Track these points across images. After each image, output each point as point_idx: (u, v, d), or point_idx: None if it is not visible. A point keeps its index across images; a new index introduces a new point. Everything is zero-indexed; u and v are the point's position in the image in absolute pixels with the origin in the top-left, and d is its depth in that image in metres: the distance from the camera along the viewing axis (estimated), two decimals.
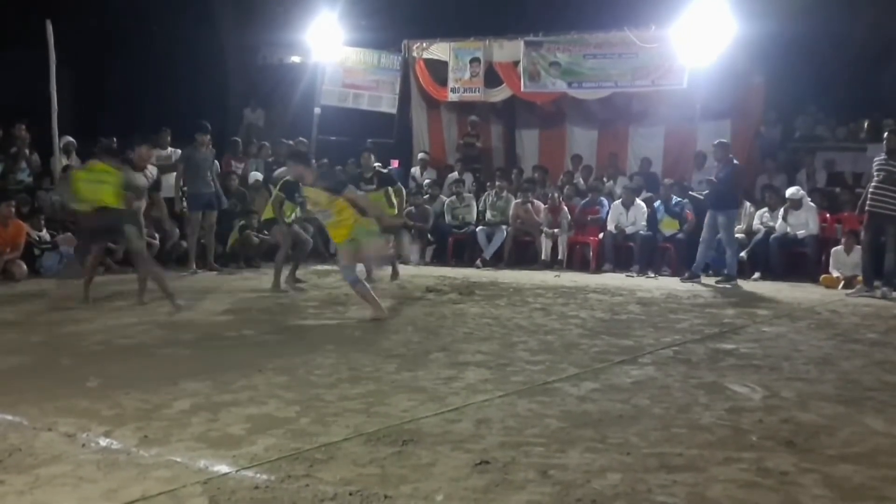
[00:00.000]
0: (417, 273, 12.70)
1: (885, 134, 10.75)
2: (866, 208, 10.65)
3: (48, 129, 12.77)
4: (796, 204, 12.58)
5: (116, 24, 17.85)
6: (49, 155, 13.33)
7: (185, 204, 12.70)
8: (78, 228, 9.41)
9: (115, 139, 14.83)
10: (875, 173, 10.60)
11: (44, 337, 7.05)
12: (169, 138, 14.17)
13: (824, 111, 16.21)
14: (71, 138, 13.64)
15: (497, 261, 14.21)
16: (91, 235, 8.95)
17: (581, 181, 15.51)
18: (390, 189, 11.36)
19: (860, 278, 10.90)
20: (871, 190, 10.55)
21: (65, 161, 13.21)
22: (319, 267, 12.80)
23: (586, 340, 7.07)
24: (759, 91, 14.87)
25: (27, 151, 13.76)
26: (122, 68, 18.30)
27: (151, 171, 10.19)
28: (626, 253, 13.64)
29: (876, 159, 10.75)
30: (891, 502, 3.44)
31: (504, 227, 14.47)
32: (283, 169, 15.08)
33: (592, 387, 5.35)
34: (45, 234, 12.06)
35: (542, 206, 14.43)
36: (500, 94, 16.73)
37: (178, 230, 13.19)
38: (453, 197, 15.23)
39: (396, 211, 11.34)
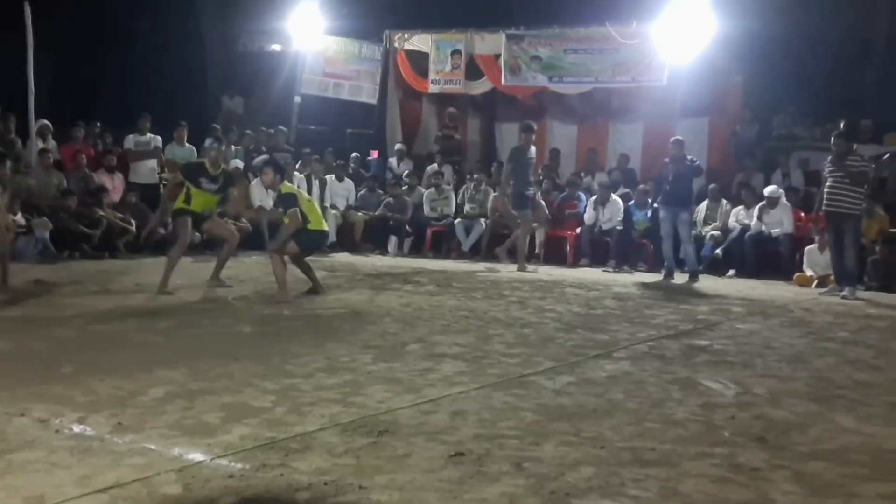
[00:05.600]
0: (395, 264, 12.70)
1: (832, 139, 10.86)
2: (823, 209, 10.78)
3: (24, 114, 12.66)
4: (773, 203, 12.67)
5: (97, 10, 17.65)
6: (25, 139, 13.21)
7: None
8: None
9: (97, 124, 14.82)
10: (827, 176, 10.71)
11: (18, 322, 7.00)
12: (149, 125, 14.09)
13: (802, 111, 16.30)
14: (46, 122, 13.52)
15: (475, 253, 14.22)
16: None
17: (555, 176, 15.52)
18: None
19: (833, 277, 11.00)
20: (826, 191, 10.66)
21: (41, 144, 13.10)
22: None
23: (562, 334, 7.10)
24: (737, 89, 14.96)
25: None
26: (102, 54, 18.11)
27: None
28: (602, 248, 13.68)
29: (826, 164, 10.85)
30: (860, 499, 3.49)
31: (482, 220, 14.48)
32: (261, 157, 15.04)
33: (568, 380, 5.37)
34: (20, 217, 11.94)
35: None
36: (481, 86, 16.71)
37: (154, 217, 13.11)
38: (432, 189, 15.21)
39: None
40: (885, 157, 13.90)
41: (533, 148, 12.86)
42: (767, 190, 12.93)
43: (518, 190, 12.56)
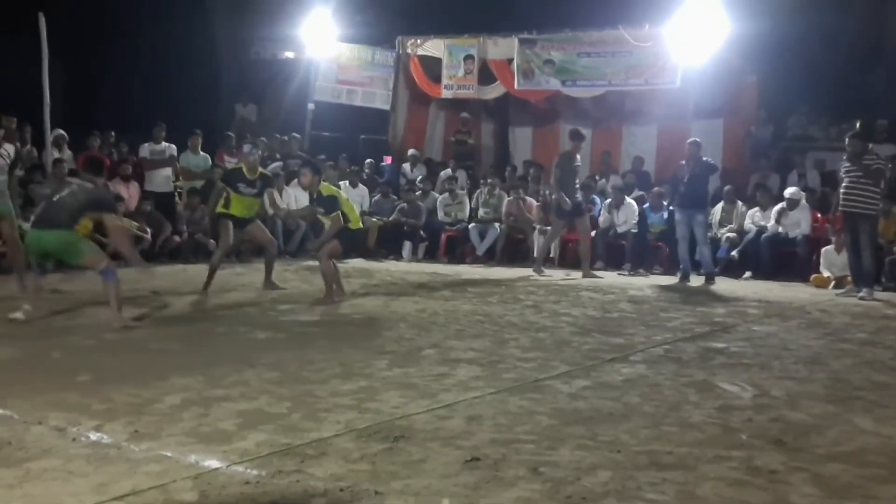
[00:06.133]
0: (409, 270, 12.71)
1: (847, 140, 10.81)
2: (840, 209, 10.73)
3: (40, 123, 12.71)
4: (793, 204, 12.61)
5: (109, 17, 17.76)
6: (41, 148, 13.27)
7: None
8: None
9: (112, 133, 14.88)
10: (843, 176, 10.66)
11: (34, 331, 7.03)
12: (164, 133, 14.15)
13: (816, 111, 16.23)
14: (62, 131, 13.59)
15: (489, 258, 14.21)
16: None
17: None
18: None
19: (850, 278, 10.94)
20: (842, 191, 10.61)
21: (56, 154, 13.17)
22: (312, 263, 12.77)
23: (578, 338, 7.09)
24: (751, 90, 14.90)
25: (18, 144, 13.67)
26: (115, 62, 18.23)
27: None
28: (617, 251, 13.65)
29: (842, 164, 10.81)
30: (878, 501, 3.46)
31: (497, 224, 14.47)
32: (276, 164, 15.10)
33: (583, 384, 5.36)
34: None
35: (534, 203, 14.44)
36: (494, 91, 16.73)
37: (169, 225, 13.18)
38: (446, 194, 15.21)
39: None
40: None
41: (578, 156, 12.78)
42: (788, 192, 12.86)
43: (566, 198, 12.31)
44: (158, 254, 12.68)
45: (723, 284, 11.55)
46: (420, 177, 16.01)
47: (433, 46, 17.05)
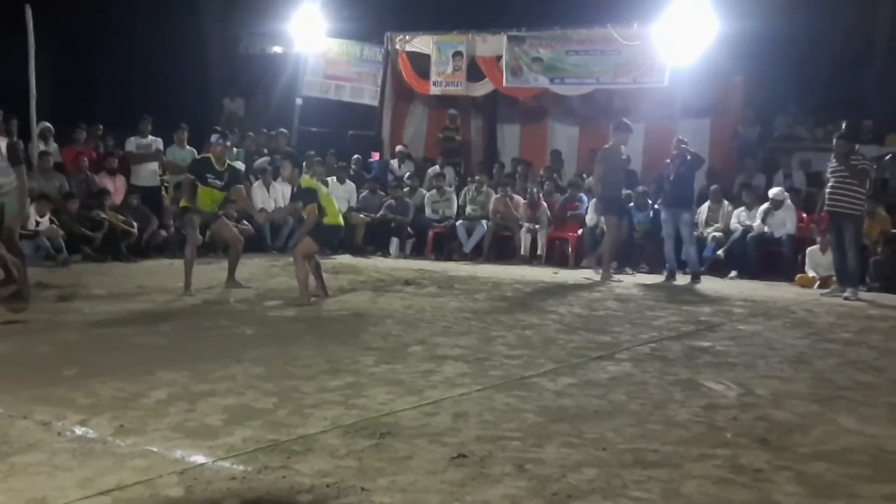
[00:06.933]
0: (397, 266, 12.70)
1: (834, 141, 10.87)
2: (825, 209, 10.79)
3: (26, 116, 12.65)
4: (777, 205, 12.68)
5: (99, 12, 17.68)
6: (27, 141, 13.21)
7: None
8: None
9: (101, 126, 14.81)
10: (829, 176, 10.72)
11: (20, 325, 7.00)
12: (150, 127, 14.10)
13: (803, 111, 16.30)
14: (48, 124, 13.52)
15: (477, 255, 14.22)
16: None
17: (557, 177, 15.51)
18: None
19: (835, 278, 11.00)
20: (828, 191, 10.68)
21: (42, 147, 13.10)
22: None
23: (564, 336, 7.10)
24: (738, 90, 14.96)
25: (15, 139, 13.60)
26: (103, 56, 18.15)
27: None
28: None
29: (828, 164, 10.87)
30: (862, 500, 3.49)
31: (484, 221, 14.49)
32: (263, 159, 15.07)
33: (569, 382, 5.37)
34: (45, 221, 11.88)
35: (521, 201, 14.46)
36: (483, 88, 16.73)
37: (156, 219, 13.14)
38: (434, 191, 15.21)
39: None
40: (887, 157, 13.90)
41: (623, 148, 12.18)
42: (772, 192, 12.92)
43: (610, 194, 11.95)
44: (145, 248, 12.63)
45: (709, 283, 11.59)
46: (408, 173, 16.00)
47: (422, 43, 17.03)
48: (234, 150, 15.17)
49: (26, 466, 3.59)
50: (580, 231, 13.91)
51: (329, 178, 15.21)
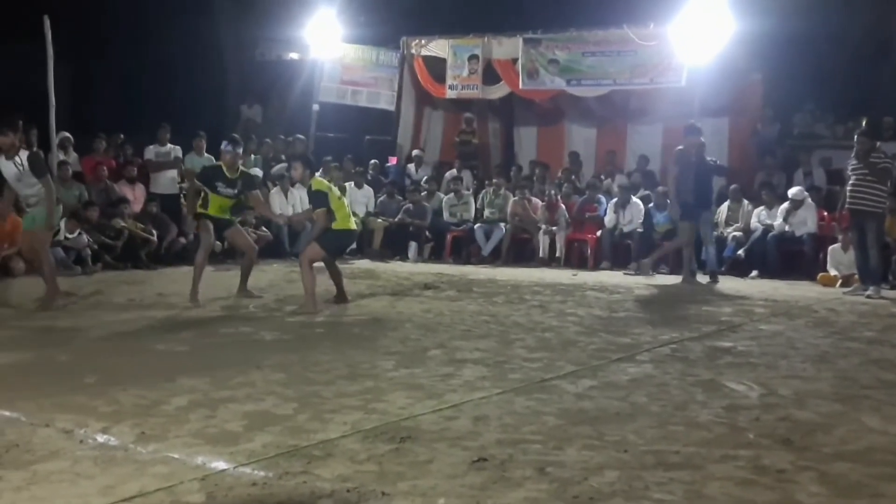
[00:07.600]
0: (415, 270, 12.70)
1: (855, 137, 10.79)
2: (846, 207, 10.72)
3: (45, 125, 12.73)
4: (797, 204, 12.59)
5: (114, 20, 17.80)
6: (47, 151, 13.29)
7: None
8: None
9: (121, 135, 14.90)
10: (850, 174, 10.65)
11: (41, 333, 7.05)
12: (168, 135, 14.17)
13: (822, 109, 16.20)
14: (67, 134, 13.61)
15: (495, 258, 14.21)
16: None
17: (575, 179, 15.46)
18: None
19: (857, 277, 10.91)
20: (849, 189, 10.60)
21: (62, 156, 13.19)
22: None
23: (584, 338, 7.08)
24: (756, 88, 14.85)
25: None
26: (120, 64, 18.27)
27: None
28: (623, 250, 13.63)
29: (849, 163, 10.79)
30: (886, 499, 3.45)
31: (502, 224, 14.46)
32: (280, 165, 15.11)
33: (590, 384, 5.35)
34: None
35: (539, 203, 14.43)
36: (499, 91, 16.71)
37: (175, 227, 13.18)
38: (451, 194, 15.21)
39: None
40: None
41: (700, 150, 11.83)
42: (792, 191, 12.82)
43: (682, 198, 11.73)
44: (164, 256, 12.68)
45: (729, 283, 11.52)
46: (425, 177, 16.00)
47: (437, 47, 17.02)
48: (252, 156, 15.28)
49: (49, 474, 3.61)
50: (599, 233, 13.86)
51: (347, 183, 15.25)
